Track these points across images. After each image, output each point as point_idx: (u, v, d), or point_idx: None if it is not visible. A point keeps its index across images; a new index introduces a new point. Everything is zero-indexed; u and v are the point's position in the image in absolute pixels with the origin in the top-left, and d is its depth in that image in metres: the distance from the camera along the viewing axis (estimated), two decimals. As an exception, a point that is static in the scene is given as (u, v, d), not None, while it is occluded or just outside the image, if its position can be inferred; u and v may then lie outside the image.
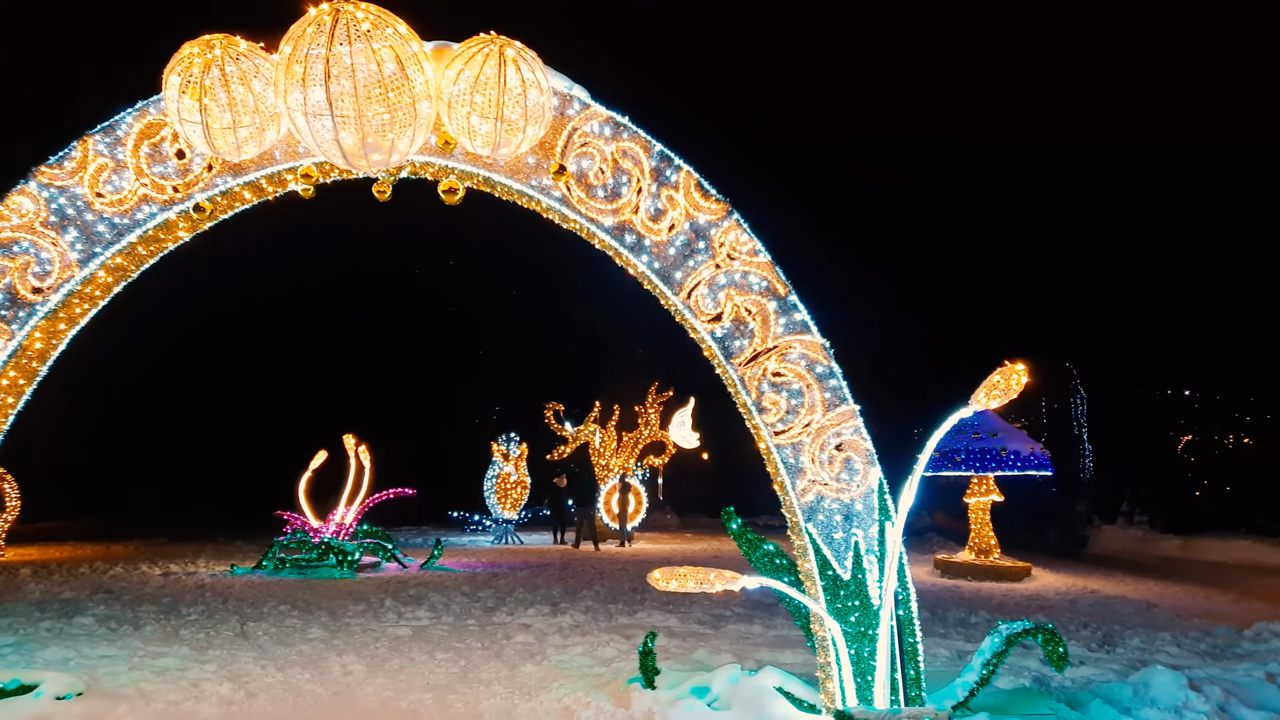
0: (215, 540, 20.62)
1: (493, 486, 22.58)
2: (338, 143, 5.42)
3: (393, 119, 5.38)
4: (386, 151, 5.55)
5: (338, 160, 5.63)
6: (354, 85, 5.23)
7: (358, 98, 5.26)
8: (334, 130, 5.35)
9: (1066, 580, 15.54)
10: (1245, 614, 11.83)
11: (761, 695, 5.97)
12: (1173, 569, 18.80)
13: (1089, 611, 11.87)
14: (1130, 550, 23.49)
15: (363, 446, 17.82)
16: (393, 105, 5.31)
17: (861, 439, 5.77)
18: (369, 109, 5.33)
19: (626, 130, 6.00)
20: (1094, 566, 18.61)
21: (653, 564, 12.43)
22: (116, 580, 13.53)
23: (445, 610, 10.89)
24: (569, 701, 6.63)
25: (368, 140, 5.42)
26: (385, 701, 6.80)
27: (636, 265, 5.98)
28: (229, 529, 22.91)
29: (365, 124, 5.37)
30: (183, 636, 9.10)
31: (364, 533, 16.58)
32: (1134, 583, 15.57)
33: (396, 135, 5.45)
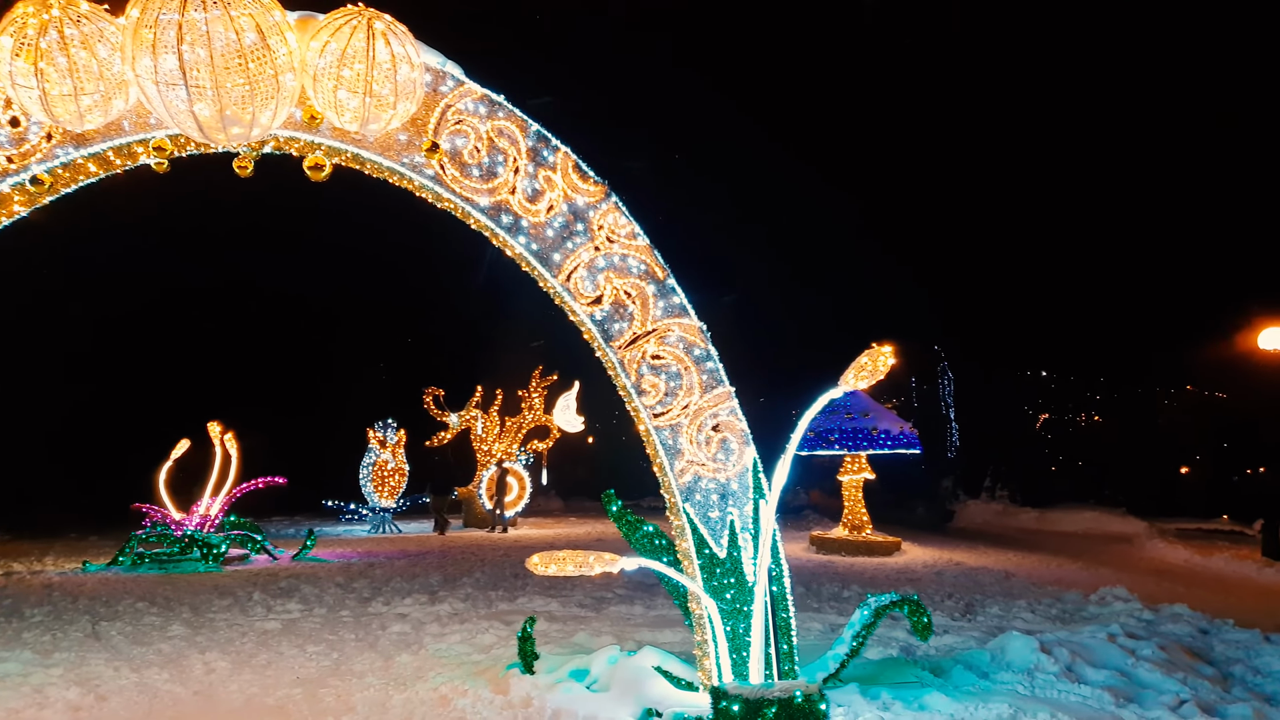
0: (65, 536, 19.35)
1: (369, 474, 21.99)
2: (193, 114, 5.12)
3: (253, 91, 5.11)
4: (247, 125, 5.28)
5: (193, 133, 5.32)
6: (210, 54, 4.94)
7: (214, 67, 4.97)
8: (189, 101, 5.05)
9: (933, 553, 16.34)
10: (1092, 580, 12.73)
11: (640, 675, 6.04)
12: (1030, 540, 20.07)
13: (953, 582, 12.51)
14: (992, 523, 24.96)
15: (229, 434, 17.02)
16: (253, 77, 5.05)
17: (737, 420, 5.87)
18: (227, 80, 5.05)
19: (502, 109, 5.89)
20: (959, 539, 19.66)
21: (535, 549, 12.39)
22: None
23: (318, 602, 10.56)
24: (446, 690, 6.54)
25: (226, 113, 5.14)
26: (250, 698, 6.54)
27: (514, 246, 5.90)
28: (81, 524, 21.52)
29: (223, 95, 5.09)
30: (25, 640, 8.50)
31: (231, 524, 15.86)
32: (994, 554, 16.52)
33: (258, 108, 5.19)
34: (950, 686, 6.38)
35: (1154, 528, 20.48)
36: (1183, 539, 18.83)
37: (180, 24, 4.88)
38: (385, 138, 5.80)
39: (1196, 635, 8.51)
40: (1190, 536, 19.80)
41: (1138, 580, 12.81)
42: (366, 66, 5.23)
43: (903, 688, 6.31)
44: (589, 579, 11.47)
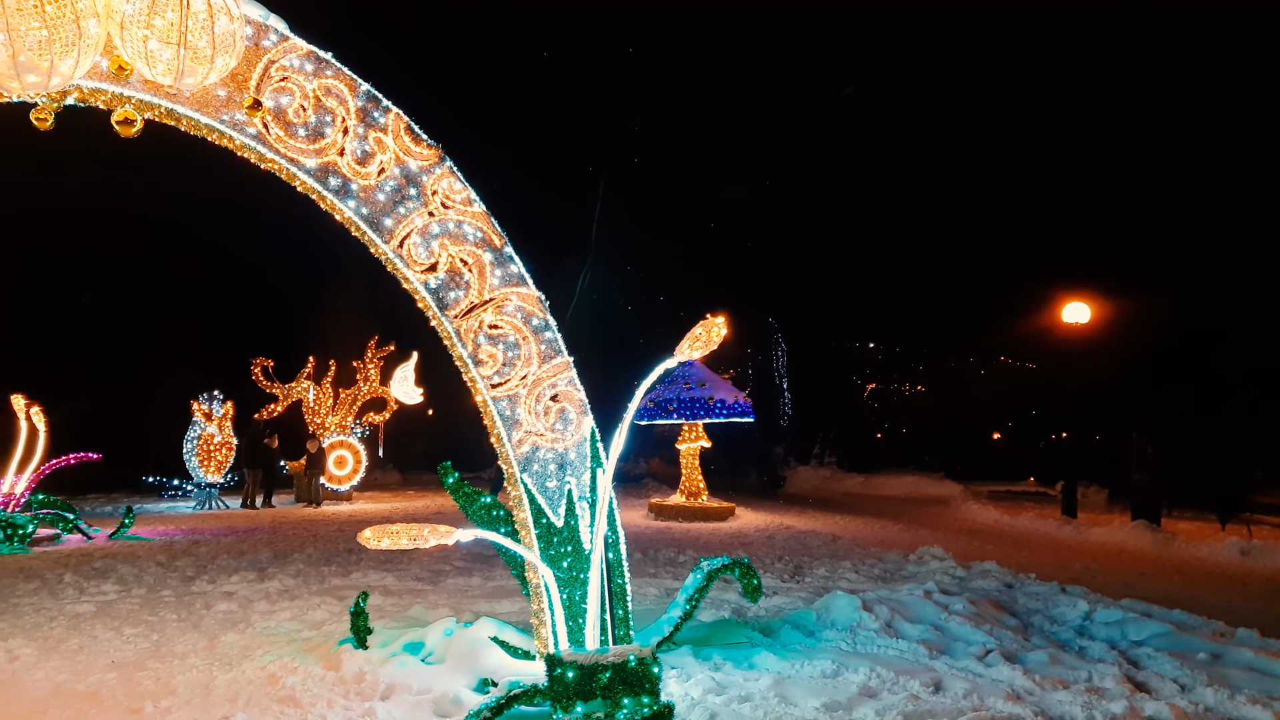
0: None
1: (194, 448, 20.81)
2: (-19, 57, 4.68)
3: (51, 36, 4.72)
4: (45, 74, 4.87)
5: (-19, 78, 4.86)
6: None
7: (5, 9, 4.56)
8: (-24, 43, 4.61)
9: (766, 518, 17.13)
10: (912, 540, 13.72)
11: (476, 646, 6.09)
12: (855, 503, 21.35)
13: (783, 545, 13.18)
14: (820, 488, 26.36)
15: (35, 407, 15.71)
16: (50, 20, 4.66)
17: (575, 390, 5.96)
18: (22, 23, 4.64)
19: (330, 67, 5.68)
20: (790, 504, 20.67)
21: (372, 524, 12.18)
22: None
23: (136, 582, 9.99)
24: (274, 668, 6.37)
25: (19, 59, 4.73)
26: (59, 685, 6.15)
27: (343, 210, 5.73)
28: None
29: (16, 39, 4.67)
30: None
31: (39, 503, 14.68)
32: (823, 518, 17.49)
33: (56, 56, 4.80)
34: (779, 646, 6.75)
35: (968, 490, 22.25)
36: (994, 500, 20.55)
37: (-36, -43, 4.44)
38: (203, 93, 5.49)
39: (1003, 589, 9.33)
40: (1000, 498, 21.62)
41: (953, 540, 13.91)
42: (180, 16, 4.92)
43: (733, 648, 6.63)
44: (425, 552, 11.37)
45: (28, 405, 15.69)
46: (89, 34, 4.90)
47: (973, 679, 5.98)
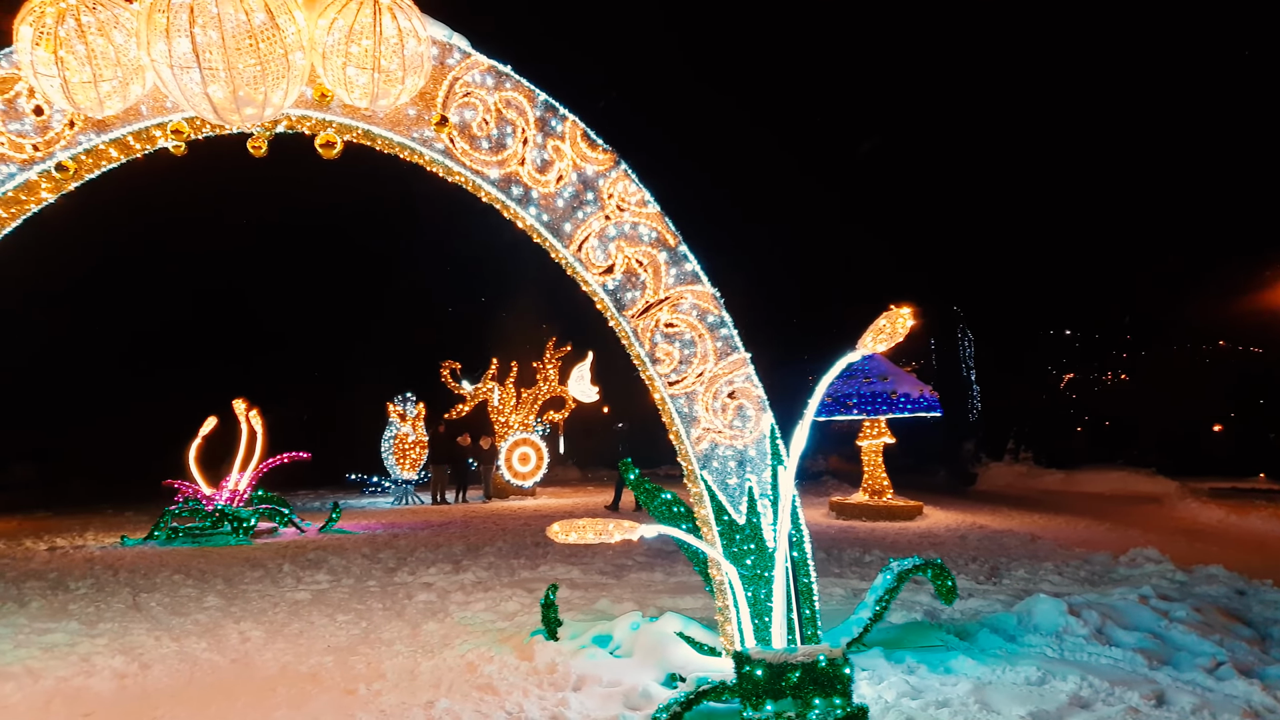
0: (103, 512, 19.79)
1: (390, 447, 22.29)
2: (207, 96, 5.17)
3: (264, 71, 5.16)
4: (260, 105, 5.33)
5: (208, 115, 5.37)
6: (222, 35, 4.99)
7: (226, 49, 5.02)
8: (203, 83, 5.10)
9: (956, 517, 16.38)
10: (1121, 541, 12.72)
11: (663, 641, 6.15)
12: (1055, 502, 20.03)
13: (977, 546, 12.54)
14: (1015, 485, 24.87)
15: (254, 411, 17.28)
16: (264, 56, 5.10)
17: (753, 386, 5.92)
18: (239, 60, 5.10)
19: (509, 80, 5.91)
20: (982, 503, 19.65)
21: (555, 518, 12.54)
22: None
23: (345, 573, 10.78)
24: (472, 657, 6.69)
25: (239, 93, 5.20)
26: (285, 666, 6.72)
27: (525, 218, 5.94)
28: (117, 500, 21.99)
29: (236, 76, 5.14)
30: (71, 611, 8.76)
31: (259, 498, 16.17)
32: (1019, 516, 16.52)
33: (269, 88, 5.24)
34: (976, 650, 6.42)
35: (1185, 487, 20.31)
36: (1216, 498, 18.64)
37: (191, 7, 4.92)
38: (394, 113, 5.84)
39: (1233, 596, 8.43)
40: (1224, 496, 19.58)
41: (1169, 541, 12.75)
42: (374, 42, 5.26)
43: (928, 651, 6.36)
44: (609, 547, 11.63)
45: (247, 409, 17.29)
46: (296, 66, 5.31)
47: (1202, 693, 5.46)
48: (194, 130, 6.14)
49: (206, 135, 6.28)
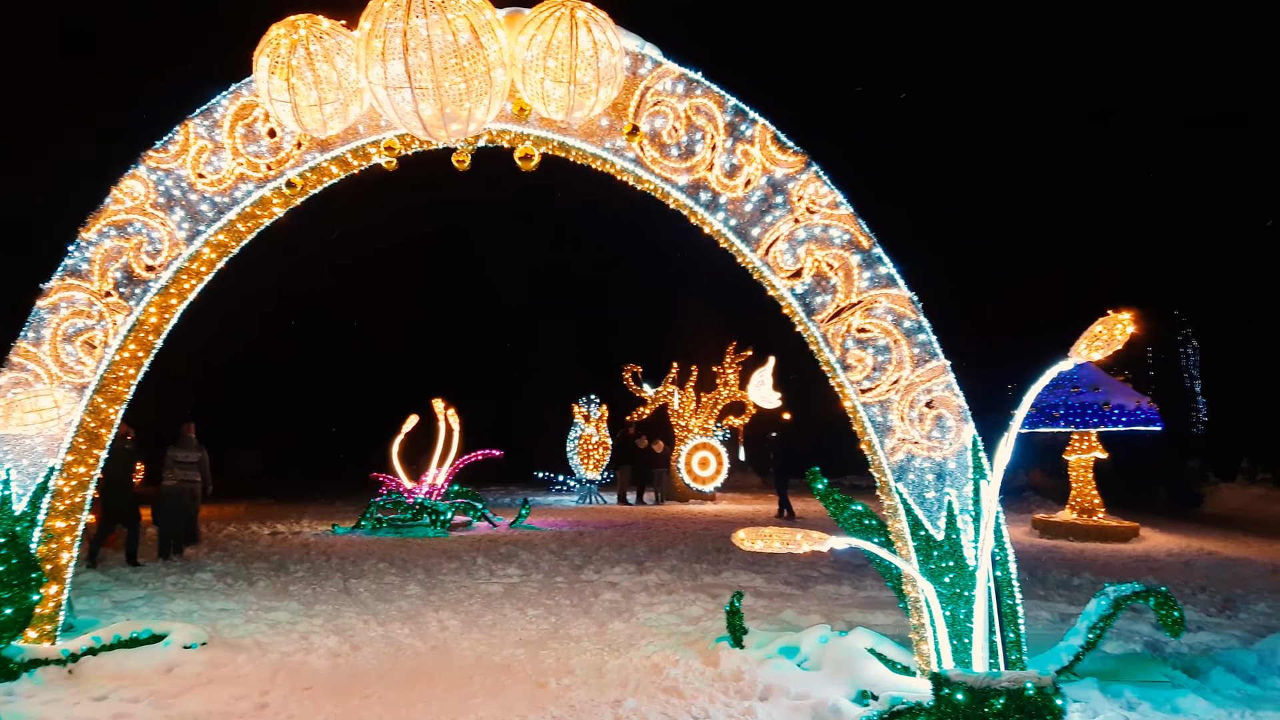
0: (316, 501, 21.51)
1: (575, 448, 22.95)
2: (417, 114, 5.49)
3: (469, 88, 5.42)
4: (464, 121, 5.61)
5: (418, 131, 5.71)
6: (431, 56, 5.28)
7: (435, 69, 5.31)
8: (413, 102, 5.43)
9: (1179, 541, 14.94)
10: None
11: (853, 656, 5.96)
12: (1301, 531, 17.83)
13: (1206, 574, 11.38)
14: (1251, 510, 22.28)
15: (451, 410, 18.27)
16: (468, 74, 5.35)
17: (953, 395, 5.63)
18: (446, 79, 5.38)
19: (699, 86, 5.92)
20: (1210, 527, 17.77)
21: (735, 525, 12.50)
22: (230, 539, 14.25)
23: (534, 568, 11.16)
24: (658, 659, 6.75)
25: (446, 110, 5.48)
26: (480, 656, 7.03)
27: (712, 223, 5.93)
28: (329, 490, 23.85)
29: (443, 94, 5.43)
30: (291, 592, 9.55)
31: (455, 493, 17.06)
32: (1257, 544, 14.82)
33: (473, 104, 5.50)
34: (1209, 690, 5.82)
35: None
36: None
37: (405, 31, 5.24)
38: (588, 124, 5.99)
39: None
40: None
41: None
42: (570, 55, 5.41)
43: (1150, 687, 5.82)
44: (793, 557, 11.44)
45: (445, 408, 18.30)
46: (497, 82, 5.54)
47: None
48: (404, 146, 6.55)
49: (415, 151, 6.69)
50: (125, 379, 6.84)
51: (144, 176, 6.61)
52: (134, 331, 6.66)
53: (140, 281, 6.58)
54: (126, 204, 6.60)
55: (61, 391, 6.49)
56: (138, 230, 6.58)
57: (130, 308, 6.57)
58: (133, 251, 6.57)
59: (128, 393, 6.92)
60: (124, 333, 6.58)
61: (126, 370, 6.80)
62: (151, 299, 6.62)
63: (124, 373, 6.79)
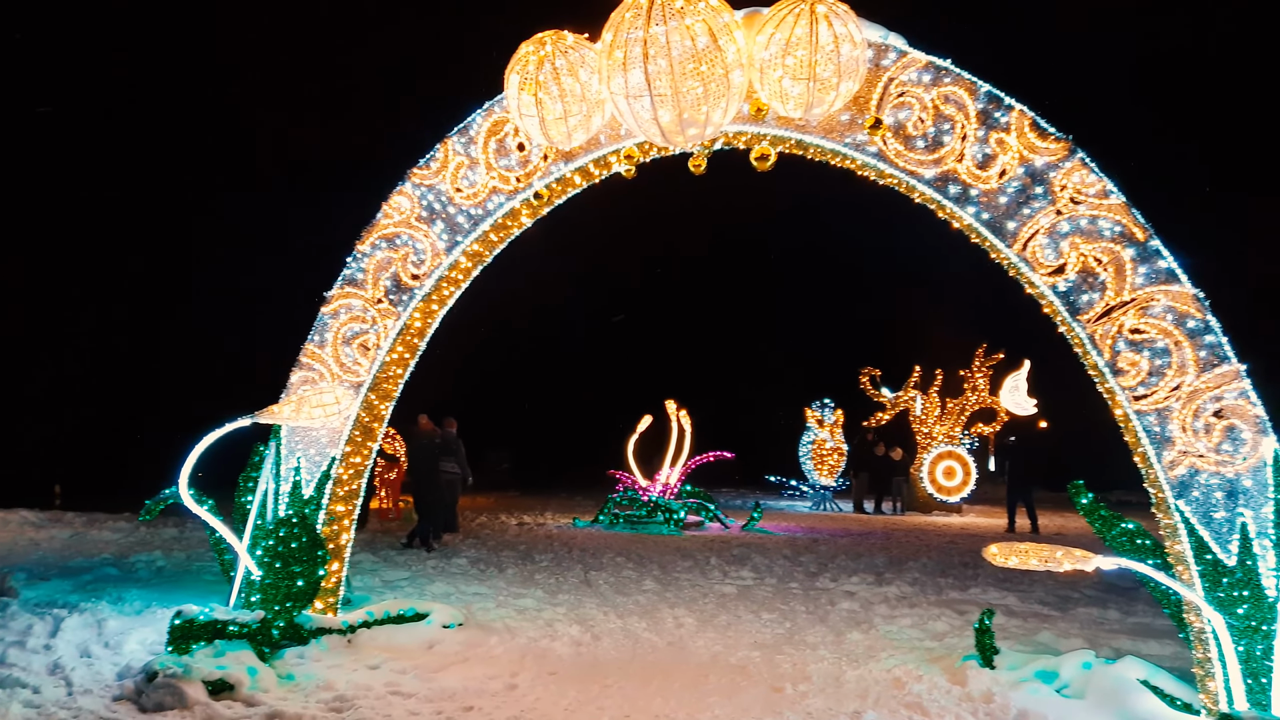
0: (558, 495, 22.63)
1: (808, 452, 22.54)
2: (656, 121, 5.61)
3: (706, 92, 5.45)
4: (701, 125, 5.65)
5: (656, 138, 5.83)
6: (670, 63, 5.37)
7: (673, 75, 5.39)
8: (652, 109, 5.54)
9: None
10: None
11: (1123, 687, 5.42)
12: None
13: None
14: None
15: (683, 411, 18.56)
16: (706, 78, 5.39)
17: (1248, 404, 4.97)
18: (684, 84, 5.45)
19: (948, 74, 5.61)
20: None
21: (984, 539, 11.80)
22: (482, 528, 15.30)
23: (768, 572, 11.08)
24: (899, 673, 6.47)
25: (684, 116, 5.55)
26: (716, 655, 7.06)
27: (962, 218, 5.60)
28: (569, 485, 25.03)
29: (681, 100, 5.50)
30: (537, 580, 10.08)
31: (687, 493, 17.31)
32: None
33: (710, 108, 5.53)
34: None
35: None
36: None
37: (644, 40, 5.36)
38: (827, 120, 5.85)
39: None
40: None
41: None
42: (809, 52, 5.31)
43: None
44: (1051, 575, 10.59)
45: (678, 409, 18.63)
46: (734, 84, 5.54)
47: None
48: (643, 154, 6.71)
49: (653, 158, 6.85)
50: (394, 378, 7.50)
51: (409, 192, 7.22)
52: (402, 335, 7.29)
53: (407, 289, 7.19)
54: (395, 218, 7.24)
55: (341, 389, 7.22)
56: (405, 242, 7.20)
57: (399, 313, 7.20)
58: (400, 262, 7.19)
59: (396, 390, 7.59)
60: (393, 336, 7.22)
61: (395, 370, 7.46)
62: (416, 305, 7.21)
63: (393, 373, 7.46)
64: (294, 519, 6.90)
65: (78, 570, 9.78)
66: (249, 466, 7.39)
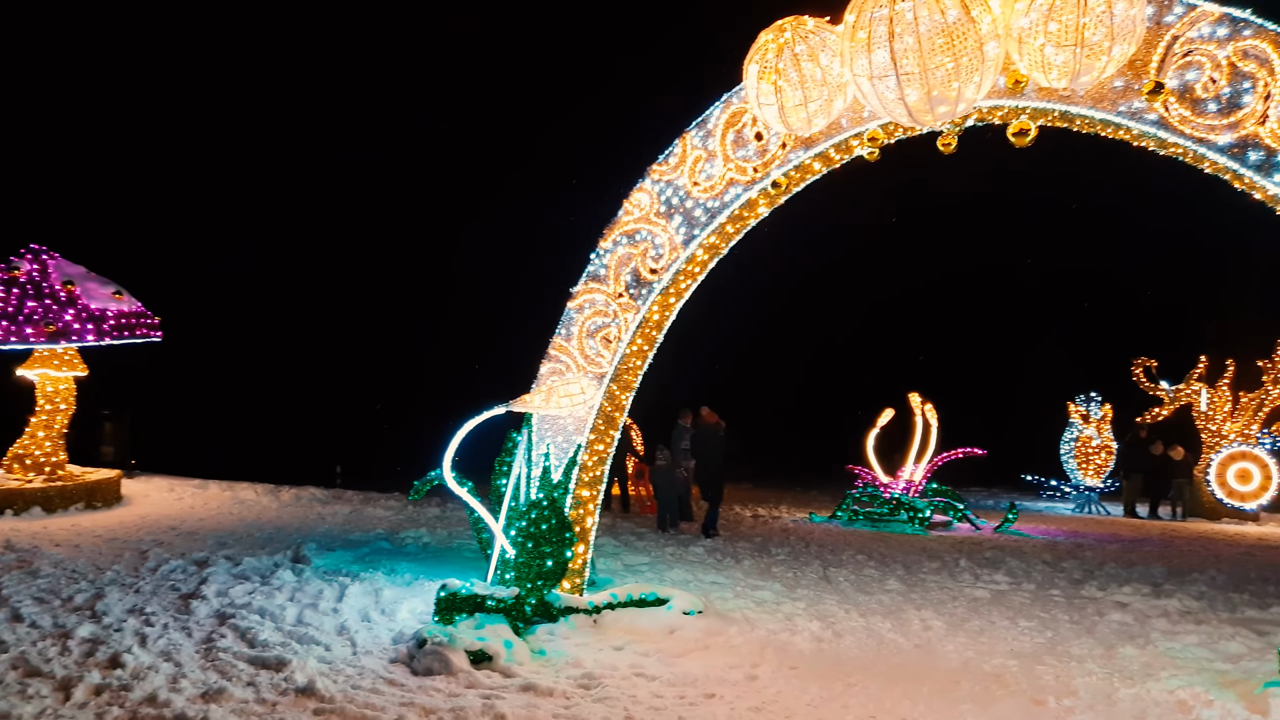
0: (792, 489, 22.41)
1: (1071, 450, 20.76)
2: (902, 101, 5.38)
3: (957, 67, 5.16)
4: (953, 102, 5.36)
5: (902, 119, 5.60)
6: (917, 40, 5.13)
7: (921, 52, 5.15)
8: (898, 89, 5.32)
9: None
10: None
11: None
12: None
13: None
14: None
15: (928, 405, 17.73)
16: (958, 53, 5.10)
17: None
18: (933, 61, 5.19)
19: (1248, 27, 4.96)
20: None
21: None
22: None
23: (1025, 577, 10.35)
24: (1184, 695, 5.83)
25: (933, 93, 5.29)
26: (967, 661, 6.71)
27: (1266, 188, 4.93)
28: (805, 479, 24.70)
29: (929, 77, 5.24)
30: (774, 573, 10.04)
31: (933, 491, 16.54)
32: None
33: (962, 83, 5.23)
34: None
35: None
36: None
37: (890, 18, 5.16)
38: (1097, 88, 5.35)
39: None
40: None
41: None
42: (1076, 15, 4.88)
43: None
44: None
45: (922, 402, 17.81)
46: (989, 56, 5.20)
47: None
48: (887, 135, 6.47)
49: (898, 139, 6.58)
50: (633, 370, 7.73)
51: (649, 189, 7.41)
52: (641, 328, 7.50)
53: (646, 283, 7.38)
54: (635, 214, 7.45)
55: (586, 380, 7.55)
56: (644, 237, 7.39)
57: (638, 306, 7.41)
58: (640, 257, 7.40)
59: (636, 381, 7.82)
60: (633, 329, 7.45)
61: (634, 362, 7.69)
62: (654, 299, 7.39)
63: (632, 364, 7.69)
64: (544, 502, 7.31)
65: (357, 543, 10.91)
66: (503, 452, 7.91)
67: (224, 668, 5.85)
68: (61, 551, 9.53)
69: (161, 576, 8.49)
